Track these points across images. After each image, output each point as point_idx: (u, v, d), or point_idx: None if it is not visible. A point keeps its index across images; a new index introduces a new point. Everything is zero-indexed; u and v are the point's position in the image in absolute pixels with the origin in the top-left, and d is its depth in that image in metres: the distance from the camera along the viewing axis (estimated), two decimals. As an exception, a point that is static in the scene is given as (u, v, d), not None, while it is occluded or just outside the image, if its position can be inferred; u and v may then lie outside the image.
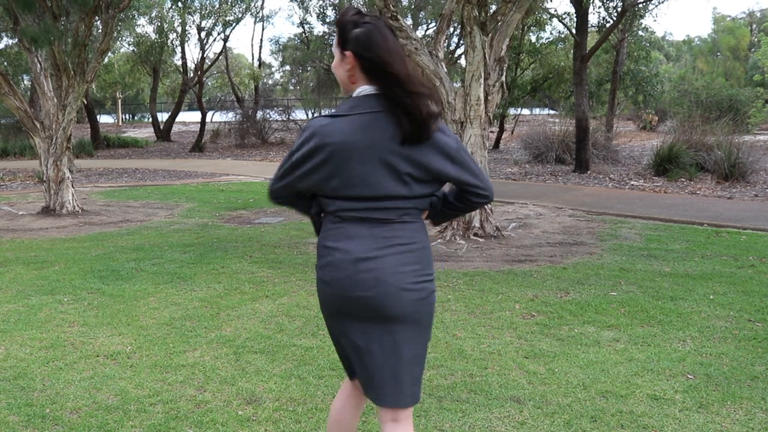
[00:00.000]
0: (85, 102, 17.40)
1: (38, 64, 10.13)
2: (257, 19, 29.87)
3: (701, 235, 7.89)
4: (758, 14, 41.01)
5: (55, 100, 10.10)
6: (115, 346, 4.46)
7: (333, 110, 2.27)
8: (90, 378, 3.92)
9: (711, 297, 5.36)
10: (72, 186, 10.29)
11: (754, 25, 41.86)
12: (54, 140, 10.05)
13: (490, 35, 7.74)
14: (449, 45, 20.80)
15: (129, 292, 5.74)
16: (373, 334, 2.24)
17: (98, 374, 3.98)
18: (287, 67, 31.97)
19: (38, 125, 10.07)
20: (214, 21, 25.03)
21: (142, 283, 6.03)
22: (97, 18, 10.36)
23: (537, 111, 33.74)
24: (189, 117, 39.91)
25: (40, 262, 6.92)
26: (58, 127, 10.04)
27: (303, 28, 25.81)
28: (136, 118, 49.26)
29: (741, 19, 43.96)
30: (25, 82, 23.71)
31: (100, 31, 10.85)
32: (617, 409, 3.44)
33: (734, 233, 8.01)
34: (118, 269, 6.52)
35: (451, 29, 19.80)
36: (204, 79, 27.36)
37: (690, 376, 3.83)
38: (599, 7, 17.03)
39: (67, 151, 10.18)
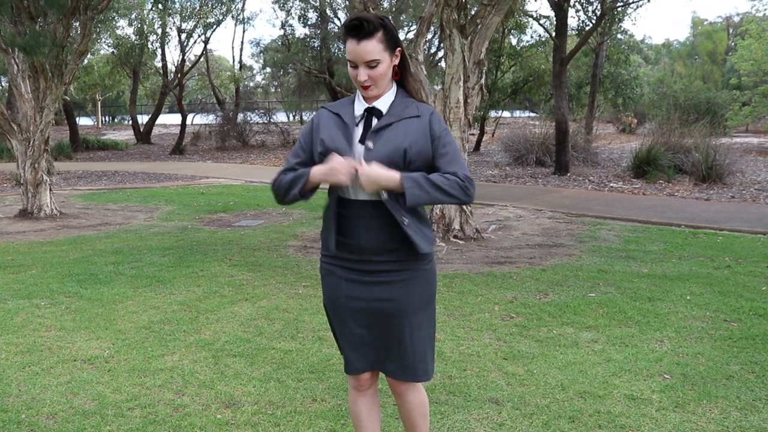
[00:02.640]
0: (67, 98, 17.20)
1: (15, 66, 10.01)
2: (238, 22, 29.78)
3: (679, 237, 7.97)
4: (735, 19, 41.55)
5: (33, 102, 9.98)
6: (93, 350, 4.42)
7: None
8: (67, 383, 3.89)
9: (688, 298, 5.42)
10: (50, 189, 10.19)
11: (731, 30, 42.40)
12: (31, 142, 9.94)
13: (469, 38, 7.78)
14: (429, 48, 20.86)
15: (107, 295, 5.69)
16: None
17: (75, 379, 3.94)
18: (268, 70, 31.85)
19: (15, 127, 9.96)
20: (194, 23, 24.93)
21: (121, 286, 5.98)
22: (75, 19, 10.26)
23: (517, 113, 33.96)
24: (169, 119, 39.67)
25: (17, 266, 6.84)
26: (36, 129, 9.93)
27: (284, 30, 25.74)
28: (116, 120, 48.91)
29: (718, 23, 44.54)
30: (2, 83, 23.44)
31: (78, 32, 10.74)
32: (595, 410, 3.47)
33: (711, 234, 8.11)
34: (96, 273, 6.47)
35: (431, 32, 19.86)
36: (184, 81, 27.22)
37: (667, 376, 3.87)
38: (578, 11, 17.21)
39: (45, 153, 10.07)
